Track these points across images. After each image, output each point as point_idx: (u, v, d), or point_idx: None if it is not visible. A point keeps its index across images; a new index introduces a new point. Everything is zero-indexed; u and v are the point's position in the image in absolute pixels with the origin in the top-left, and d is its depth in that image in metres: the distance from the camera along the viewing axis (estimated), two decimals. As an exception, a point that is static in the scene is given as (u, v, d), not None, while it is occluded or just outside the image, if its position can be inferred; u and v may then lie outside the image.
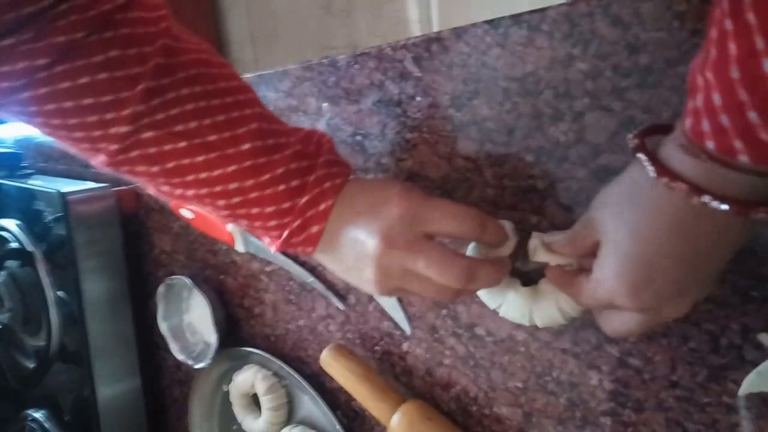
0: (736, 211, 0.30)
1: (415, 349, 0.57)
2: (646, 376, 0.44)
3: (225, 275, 0.74)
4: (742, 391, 0.39)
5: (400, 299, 0.57)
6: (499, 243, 0.44)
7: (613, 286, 0.36)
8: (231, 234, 0.69)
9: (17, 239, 0.85)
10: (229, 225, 0.69)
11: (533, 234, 0.44)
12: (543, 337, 0.48)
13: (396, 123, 0.53)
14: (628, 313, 0.37)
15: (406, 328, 0.57)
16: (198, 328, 0.79)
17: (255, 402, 0.72)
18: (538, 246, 0.43)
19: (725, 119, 0.28)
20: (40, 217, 0.84)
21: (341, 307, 0.62)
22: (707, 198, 0.30)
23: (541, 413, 0.50)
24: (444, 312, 0.54)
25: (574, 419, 0.48)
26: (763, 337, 0.38)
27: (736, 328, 0.39)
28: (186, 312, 0.80)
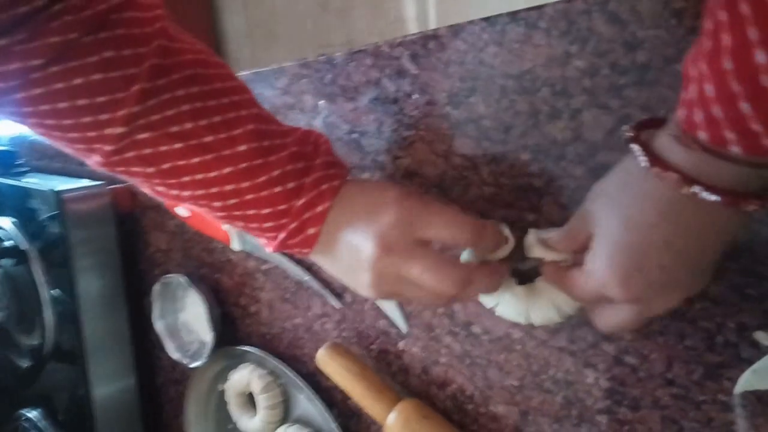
0: (726, 202, 0.31)
1: (411, 347, 0.57)
2: (642, 374, 0.44)
3: (220, 274, 0.74)
4: (738, 389, 0.39)
5: (396, 297, 0.57)
6: (496, 248, 0.45)
7: (604, 275, 0.36)
8: (226, 232, 0.69)
9: (12, 238, 0.85)
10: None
11: (529, 231, 0.44)
12: (539, 336, 0.48)
13: (393, 121, 0.52)
14: (619, 307, 0.37)
15: (403, 326, 0.57)
16: (193, 326, 0.79)
17: (251, 401, 0.72)
18: (534, 242, 0.43)
19: (717, 110, 0.28)
20: (35, 215, 0.84)
21: (337, 305, 0.62)
22: (698, 188, 0.31)
23: (537, 411, 0.50)
24: (440, 310, 0.54)
25: (570, 417, 0.48)
26: (759, 335, 0.38)
27: (732, 326, 0.39)
28: (181, 311, 0.79)
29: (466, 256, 0.47)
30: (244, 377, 0.69)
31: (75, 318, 0.79)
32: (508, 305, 0.46)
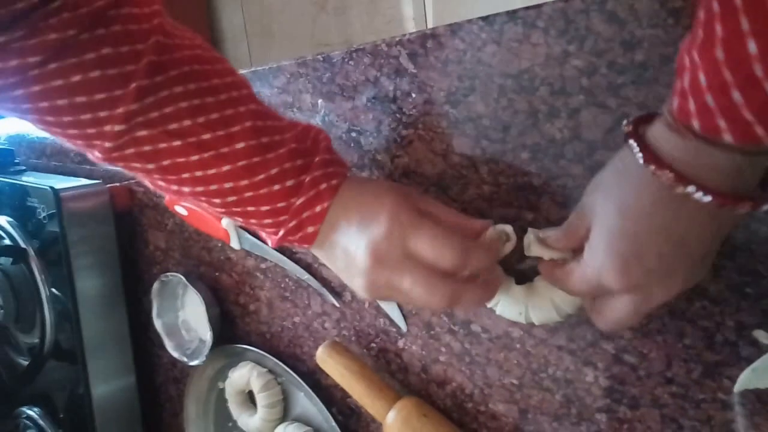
0: (718, 203, 0.31)
1: (410, 346, 0.57)
2: (642, 373, 0.44)
3: (220, 272, 0.74)
4: (737, 388, 0.39)
5: (395, 296, 0.57)
6: (483, 269, 0.44)
7: (602, 263, 0.36)
8: (226, 231, 0.69)
9: (10, 236, 0.85)
10: (224, 221, 0.68)
11: (528, 230, 0.44)
12: (538, 334, 0.48)
13: (391, 119, 0.52)
14: (618, 299, 0.37)
15: (402, 325, 0.57)
16: (193, 325, 0.79)
17: (250, 399, 0.72)
18: (532, 241, 0.43)
19: (710, 99, 0.28)
20: (33, 213, 0.84)
21: (337, 304, 0.62)
22: (691, 188, 0.31)
23: (536, 410, 0.50)
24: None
25: (569, 416, 0.48)
26: (759, 334, 0.38)
27: (731, 324, 0.40)
28: (181, 309, 0.79)
29: None
30: (244, 375, 0.69)
31: (74, 316, 0.79)
32: (507, 304, 0.46)
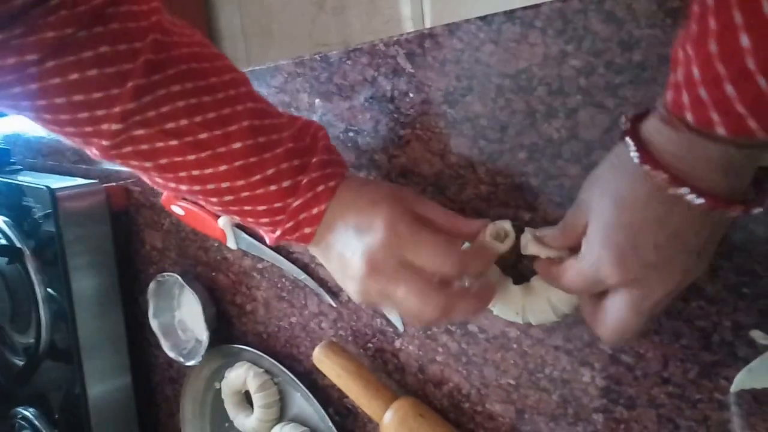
0: (710, 205, 0.32)
1: (407, 346, 0.57)
2: (638, 373, 0.44)
3: (216, 272, 0.74)
4: (734, 388, 0.39)
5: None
6: (482, 274, 0.44)
7: (599, 256, 0.36)
8: (222, 231, 0.68)
9: (6, 236, 0.84)
10: (220, 221, 0.68)
11: (525, 229, 0.44)
12: (535, 334, 0.48)
13: (389, 119, 0.52)
14: (616, 297, 0.37)
15: (399, 325, 0.57)
16: (189, 325, 0.78)
17: (247, 399, 0.72)
18: (529, 240, 0.43)
19: (703, 92, 0.29)
20: (29, 213, 0.83)
21: (333, 304, 0.62)
22: (684, 190, 0.32)
23: (533, 410, 0.50)
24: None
25: (566, 416, 0.48)
26: (755, 334, 0.38)
27: (727, 324, 0.40)
28: (177, 309, 0.79)
29: (466, 246, 0.47)
30: (240, 376, 0.69)
31: (70, 316, 0.79)
32: (504, 304, 0.46)
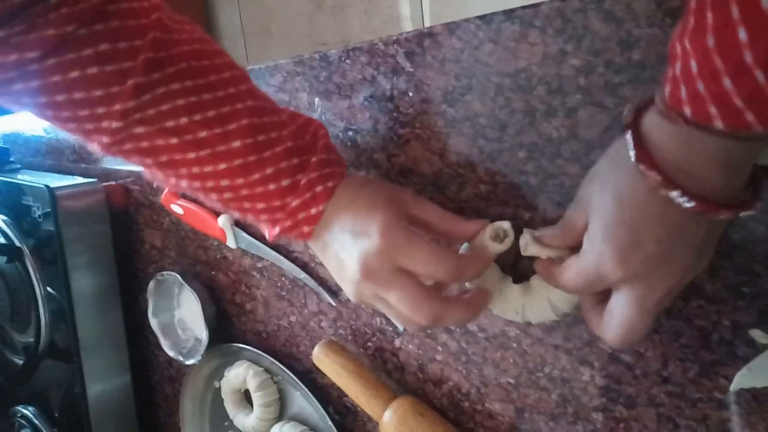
0: (699, 209, 0.32)
1: (407, 345, 0.57)
2: (638, 372, 0.44)
3: (216, 271, 0.74)
4: (733, 387, 0.39)
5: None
6: (478, 277, 0.45)
7: (600, 252, 0.36)
8: (222, 230, 0.68)
9: (5, 235, 0.84)
10: (220, 220, 0.68)
11: (524, 230, 0.44)
12: (535, 333, 0.48)
13: (388, 118, 0.52)
14: (619, 295, 0.37)
15: (399, 324, 0.57)
16: (189, 324, 0.78)
17: (246, 398, 0.72)
18: (529, 241, 0.43)
19: (701, 86, 0.29)
20: (29, 212, 0.83)
21: (333, 303, 0.62)
22: (675, 194, 0.32)
23: (533, 409, 0.50)
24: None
25: (566, 415, 0.48)
26: (755, 333, 0.38)
27: (727, 324, 0.40)
28: (177, 308, 0.79)
29: (464, 248, 0.47)
30: (240, 375, 0.69)
31: (69, 316, 0.79)
32: (503, 303, 0.46)
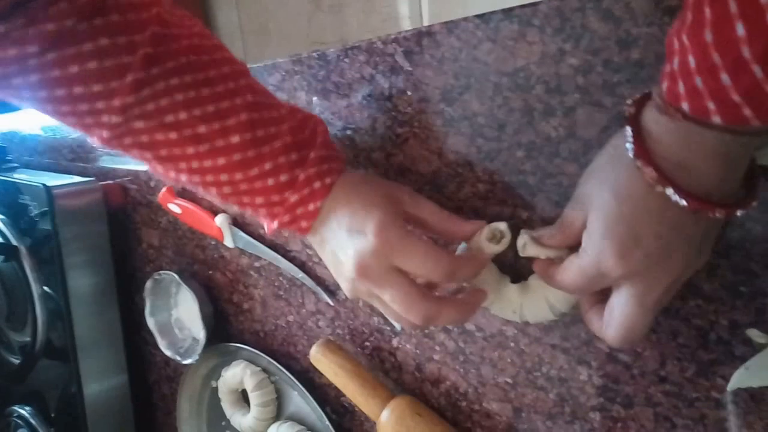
0: (692, 207, 0.32)
1: (405, 344, 0.57)
2: (635, 372, 0.44)
3: (213, 270, 0.74)
4: (731, 387, 0.39)
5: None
6: (473, 277, 0.45)
7: (601, 249, 0.36)
8: (219, 229, 0.68)
9: (2, 233, 0.84)
10: (217, 219, 0.68)
11: (521, 231, 0.44)
12: (533, 333, 0.48)
13: (386, 117, 0.52)
14: (620, 293, 0.37)
15: (396, 324, 0.57)
16: (186, 323, 0.78)
17: (244, 398, 0.72)
18: (527, 241, 0.43)
19: (699, 81, 0.29)
20: (26, 211, 0.83)
21: (331, 302, 0.61)
22: (669, 191, 0.32)
23: (530, 408, 0.50)
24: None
25: (563, 414, 0.48)
26: (752, 333, 0.39)
27: (724, 323, 0.40)
28: (174, 307, 0.79)
29: (461, 248, 0.47)
30: (237, 374, 0.69)
31: (66, 315, 0.79)
32: (501, 303, 0.46)
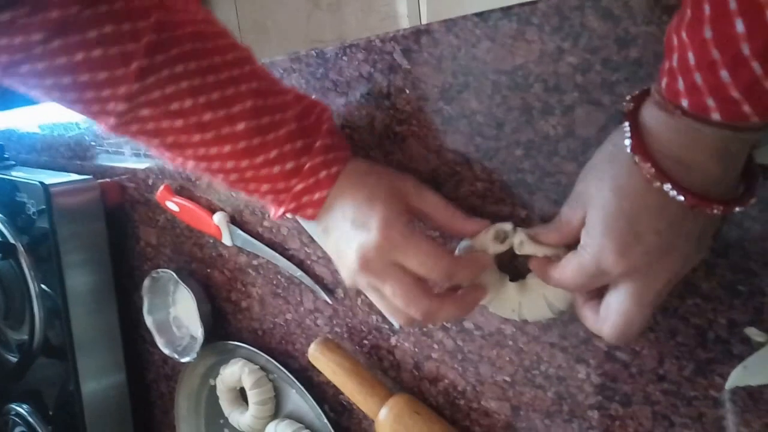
0: (690, 203, 0.32)
1: (403, 343, 0.57)
2: (634, 370, 0.44)
3: (211, 269, 0.74)
4: (729, 385, 0.39)
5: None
6: (472, 279, 0.45)
7: (601, 246, 0.36)
8: (218, 227, 0.68)
9: (-1, 232, 0.84)
10: (216, 217, 0.68)
11: (517, 229, 0.44)
12: (531, 331, 0.48)
13: (385, 116, 0.52)
14: (618, 291, 0.37)
15: (395, 322, 0.57)
16: (184, 322, 0.78)
17: (242, 396, 0.72)
18: (524, 239, 0.43)
19: (699, 78, 0.29)
20: (23, 209, 0.83)
21: (329, 300, 0.61)
22: (667, 187, 0.32)
23: (528, 407, 0.50)
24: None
25: (561, 413, 0.48)
26: (750, 331, 0.39)
27: (723, 322, 0.40)
28: (172, 306, 0.79)
29: (464, 245, 0.47)
30: (235, 372, 0.69)
31: (64, 313, 0.79)
32: (500, 301, 0.46)
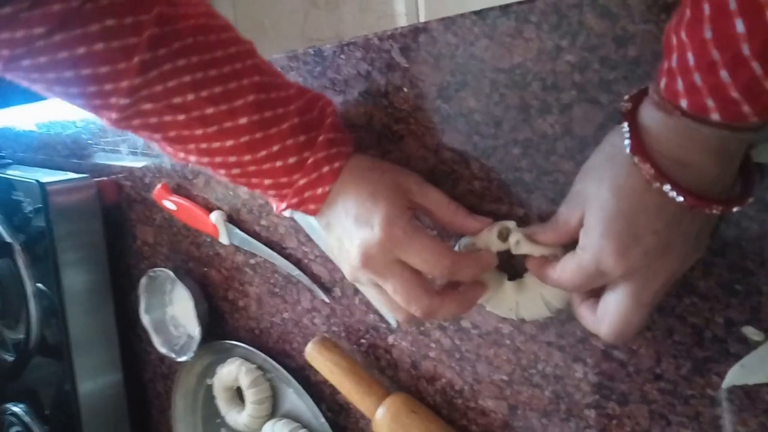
0: (689, 204, 0.32)
1: (400, 342, 0.57)
2: (631, 369, 0.44)
3: (209, 268, 0.74)
4: (726, 384, 0.39)
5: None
6: (474, 278, 0.45)
7: (600, 246, 0.36)
8: (215, 226, 0.68)
9: (-4, 230, 0.84)
10: (213, 216, 0.68)
11: (513, 229, 0.43)
12: (528, 330, 0.48)
13: (382, 114, 0.52)
14: (616, 291, 0.37)
15: (392, 321, 0.57)
16: (181, 321, 0.78)
17: (239, 395, 0.72)
18: (521, 239, 0.43)
19: (698, 78, 0.29)
20: (19, 207, 0.83)
21: (326, 300, 0.61)
22: (667, 187, 0.32)
23: (526, 406, 0.50)
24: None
25: (558, 412, 0.48)
26: (747, 330, 0.39)
27: (720, 321, 0.40)
28: (169, 305, 0.79)
29: (465, 241, 0.47)
30: (232, 372, 0.69)
31: (60, 312, 0.78)
32: (497, 300, 0.46)
